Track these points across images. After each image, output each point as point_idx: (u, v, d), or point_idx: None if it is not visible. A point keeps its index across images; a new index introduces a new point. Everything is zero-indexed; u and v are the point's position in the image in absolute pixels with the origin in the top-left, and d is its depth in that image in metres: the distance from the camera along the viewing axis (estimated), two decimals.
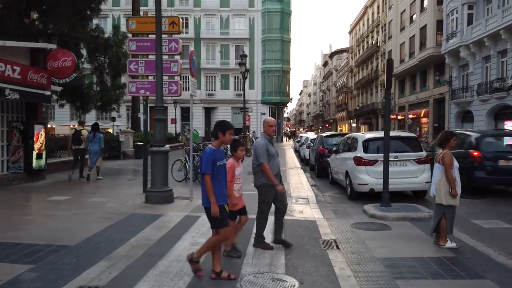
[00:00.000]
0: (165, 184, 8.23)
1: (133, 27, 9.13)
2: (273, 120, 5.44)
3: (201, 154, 4.08)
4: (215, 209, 3.91)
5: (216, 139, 4.16)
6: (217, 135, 4.13)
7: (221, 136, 4.10)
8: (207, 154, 3.97)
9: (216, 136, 4.15)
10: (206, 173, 3.91)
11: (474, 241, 5.49)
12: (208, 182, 3.92)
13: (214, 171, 3.94)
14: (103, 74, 23.17)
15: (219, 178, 4.02)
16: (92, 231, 5.87)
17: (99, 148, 11.83)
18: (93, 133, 11.98)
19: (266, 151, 5.07)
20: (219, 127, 4.14)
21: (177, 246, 5.25)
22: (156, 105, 8.06)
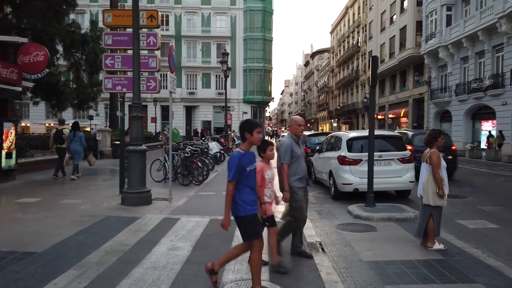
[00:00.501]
0: (143, 184, 7.86)
1: (109, 20, 8.70)
2: (302, 119, 5.02)
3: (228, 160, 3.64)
4: (226, 222, 3.56)
5: (244, 141, 3.71)
6: (244, 136, 3.68)
7: (248, 136, 3.66)
8: (233, 160, 3.56)
9: (243, 138, 3.71)
10: (230, 181, 3.52)
11: (461, 242, 5.37)
12: (230, 190, 3.53)
13: (243, 178, 3.56)
14: (80, 71, 22.46)
15: (249, 184, 3.63)
16: (62, 236, 5.48)
17: (81, 147, 11.84)
18: (73, 132, 11.85)
19: (290, 151, 4.67)
20: (245, 127, 3.69)
21: (154, 251, 4.92)
22: (133, 102, 7.69)
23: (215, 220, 6.57)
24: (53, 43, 19.43)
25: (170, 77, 8.02)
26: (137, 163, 7.72)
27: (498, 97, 22.50)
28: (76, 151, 11.75)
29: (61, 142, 11.89)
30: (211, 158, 13.76)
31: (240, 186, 3.59)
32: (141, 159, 7.78)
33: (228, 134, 27.02)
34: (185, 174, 10.89)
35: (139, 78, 7.78)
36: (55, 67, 20.46)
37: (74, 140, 11.70)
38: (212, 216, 6.88)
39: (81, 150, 11.86)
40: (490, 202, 8.59)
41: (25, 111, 42.74)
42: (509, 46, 21.59)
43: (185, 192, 9.43)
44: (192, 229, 5.98)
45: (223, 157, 17.56)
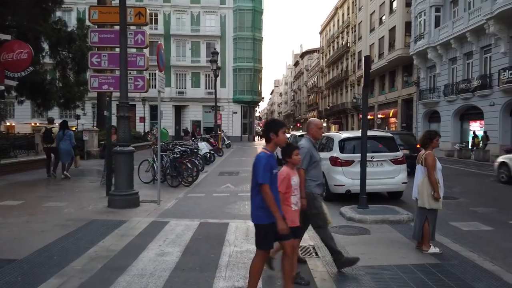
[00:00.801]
0: (130, 186, 7.63)
1: (95, 17, 8.43)
2: (321, 122, 4.75)
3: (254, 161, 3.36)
4: (282, 225, 3.29)
5: (268, 142, 3.50)
6: (269, 136, 3.47)
7: (273, 137, 3.45)
8: (263, 160, 3.31)
9: (268, 139, 3.50)
10: (264, 183, 3.25)
11: (457, 246, 5.28)
12: (269, 193, 3.25)
13: (270, 180, 3.30)
14: (66, 69, 22.01)
15: (273, 189, 3.37)
16: (45, 242, 5.23)
17: (70, 146, 11.78)
18: (62, 131, 11.77)
19: (309, 156, 4.33)
20: (270, 127, 3.50)
21: (141, 257, 4.72)
22: (120, 101, 7.45)
23: (205, 223, 6.40)
24: (39, 41, 18.99)
25: (159, 76, 7.79)
26: (124, 165, 7.48)
27: (486, 98, 22.73)
28: (66, 150, 11.68)
29: (50, 142, 11.85)
30: (200, 159, 13.56)
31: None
32: (129, 160, 7.55)
33: (218, 134, 26.80)
34: (174, 175, 10.66)
35: (126, 76, 7.54)
36: (41, 66, 20.02)
37: (64, 139, 11.61)
38: (202, 219, 6.69)
39: (70, 149, 11.80)
40: (482, 203, 8.57)
41: (10, 111, 41.84)
42: (497, 47, 21.82)
43: (174, 194, 9.21)
44: (181, 233, 5.79)
45: (213, 157, 17.35)
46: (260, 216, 3.37)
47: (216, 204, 8.09)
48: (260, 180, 3.27)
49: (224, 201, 8.37)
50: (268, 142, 3.50)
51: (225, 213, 7.25)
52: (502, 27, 20.95)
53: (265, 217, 3.35)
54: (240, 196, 9.06)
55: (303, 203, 4.08)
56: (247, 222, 6.45)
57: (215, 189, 10.03)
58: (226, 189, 10.01)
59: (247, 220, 6.60)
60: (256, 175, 3.31)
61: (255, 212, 3.42)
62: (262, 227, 3.40)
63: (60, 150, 11.62)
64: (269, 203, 3.27)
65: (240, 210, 7.53)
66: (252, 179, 3.40)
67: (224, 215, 7.08)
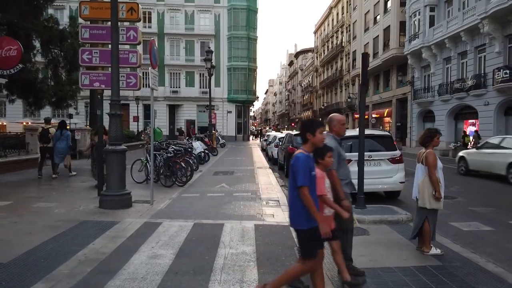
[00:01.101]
0: (122, 186, 7.42)
1: (86, 12, 8.21)
2: (343, 117, 4.49)
3: (292, 161, 3.21)
4: (325, 228, 3.12)
5: (305, 142, 3.35)
6: (306, 137, 3.33)
7: (310, 137, 3.31)
8: (303, 161, 3.15)
9: (304, 139, 3.35)
10: (304, 185, 3.09)
11: (458, 247, 5.15)
12: (308, 196, 3.10)
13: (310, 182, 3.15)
14: (58, 67, 21.66)
15: (313, 191, 3.20)
16: (32, 244, 5.02)
17: (66, 146, 11.84)
18: (60, 131, 11.85)
19: (337, 155, 4.05)
20: (307, 127, 3.35)
21: (132, 260, 4.53)
22: (112, 99, 7.24)
23: (200, 224, 6.22)
24: (30, 39, 18.66)
25: (152, 73, 7.59)
26: (116, 164, 7.28)
27: (480, 97, 22.75)
28: (62, 150, 11.72)
29: (46, 141, 11.89)
30: (195, 158, 13.36)
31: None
32: (121, 160, 7.34)
33: (213, 133, 26.59)
34: (167, 175, 10.45)
35: (118, 73, 7.33)
36: (32, 64, 19.69)
37: (61, 139, 11.67)
38: (196, 219, 6.51)
39: (66, 149, 11.86)
40: (480, 202, 8.49)
41: (1, 110, 41.29)
42: (491, 47, 21.83)
43: (168, 194, 9.01)
44: (174, 235, 5.60)
45: (207, 156, 17.15)
46: (300, 221, 3.19)
47: (211, 204, 7.91)
48: (299, 182, 3.10)
49: (219, 201, 8.19)
50: (305, 142, 3.35)
51: (220, 213, 7.08)
52: (497, 27, 20.96)
53: (305, 221, 3.17)
54: (235, 196, 8.89)
55: (347, 204, 3.84)
56: (243, 223, 6.30)
57: (209, 189, 9.85)
58: (221, 189, 9.83)
59: (242, 221, 6.45)
60: (296, 177, 3.13)
61: (294, 216, 3.24)
62: (302, 233, 3.22)
63: (56, 149, 11.66)
64: (308, 206, 3.12)
65: (235, 210, 7.36)
66: (290, 181, 3.21)
67: (219, 215, 6.90)
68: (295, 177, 3.15)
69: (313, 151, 3.47)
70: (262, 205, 7.87)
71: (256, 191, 9.58)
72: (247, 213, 7.10)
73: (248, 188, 10.07)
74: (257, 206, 7.80)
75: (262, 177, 12.32)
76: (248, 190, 9.65)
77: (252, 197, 8.78)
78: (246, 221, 6.47)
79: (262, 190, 9.76)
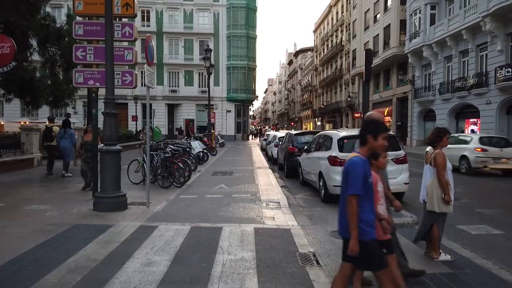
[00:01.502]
0: (117, 188, 7.16)
1: (80, 8, 7.93)
2: (382, 116, 4.24)
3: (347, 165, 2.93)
4: (354, 246, 2.83)
5: (364, 144, 3.02)
6: (366, 139, 2.99)
7: (371, 140, 2.97)
8: (358, 167, 2.86)
9: (364, 141, 3.01)
10: (355, 194, 2.83)
11: (468, 252, 4.91)
12: (355, 206, 2.83)
13: (365, 191, 2.89)
14: (55, 66, 21.37)
15: (370, 199, 2.94)
16: (20, 250, 4.77)
17: (71, 144, 11.86)
18: (63, 129, 11.93)
19: None
20: (370, 129, 3.01)
21: (125, 268, 4.28)
22: (106, 97, 6.99)
23: (197, 228, 5.97)
24: (27, 37, 18.40)
25: (148, 71, 7.33)
26: (110, 165, 7.02)
27: (482, 96, 22.52)
28: (66, 149, 11.74)
29: (50, 140, 12.09)
30: (193, 158, 13.11)
31: (361, 202, 2.88)
32: (115, 160, 7.08)
33: (212, 132, 26.34)
34: (165, 176, 10.20)
35: (112, 71, 7.07)
36: (29, 63, 19.44)
37: (65, 137, 11.70)
38: (193, 223, 6.26)
39: (71, 148, 11.85)
40: (487, 204, 8.25)
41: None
42: (493, 45, 21.59)
43: (165, 195, 8.76)
44: (170, 239, 5.35)
45: (206, 156, 16.89)
46: (360, 233, 2.87)
47: (209, 206, 7.66)
48: (351, 191, 2.84)
49: (218, 203, 7.94)
50: (363, 144, 3.01)
51: (219, 216, 6.83)
52: (498, 25, 20.73)
53: (366, 233, 2.89)
54: (234, 197, 8.64)
55: (398, 205, 3.65)
56: (242, 226, 6.06)
57: (208, 190, 9.60)
58: (220, 190, 9.58)
59: (241, 224, 6.21)
60: (349, 184, 2.86)
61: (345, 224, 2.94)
62: (365, 245, 2.89)
63: (61, 148, 11.74)
64: (350, 217, 2.85)
65: (234, 213, 7.11)
66: (344, 187, 2.93)
67: (217, 218, 6.66)
68: (349, 184, 2.87)
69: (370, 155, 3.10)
70: (262, 207, 7.62)
71: (255, 192, 9.34)
72: (246, 216, 6.86)
73: (248, 189, 9.82)
74: (256, 208, 7.56)
75: (261, 177, 12.07)
76: (247, 191, 9.40)
77: (251, 198, 8.53)
78: (246, 224, 6.22)
79: (262, 191, 9.51)
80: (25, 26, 17.25)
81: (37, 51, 20.11)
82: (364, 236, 2.88)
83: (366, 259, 2.92)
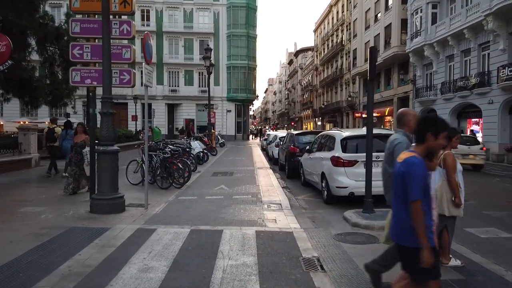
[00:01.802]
0: (115, 189, 6.97)
1: (76, 5, 7.75)
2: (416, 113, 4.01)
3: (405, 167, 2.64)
4: (429, 258, 2.54)
5: (422, 142, 2.73)
6: (425, 137, 2.71)
7: (431, 139, 2.69)
8: (420, 169, 2.61)
9: (422, 139, 2.73)
10: (419, 199, 2.57)
11: (479, 257, 4.72)
12: (421, 212, 2.57)
13: (425, 194, 2.65)
14: (54, 65, 21.21)
15: (428, 203, 2.69)
16: (12, 255, 4.58)
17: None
18: (65, 130, 12.03)
19: None
20: (431, 126, 2.71)
21: (121, 274, 4.09)
22: (103, 96, 6.80)
23: (197, 231, 5.78)
24: (25, 36, 18.22)
25: (146, 69, 7.15)
26: (108, 166, 6.83)
27: (484, 96, 22.32)
28: (68, 149, 11.52)
29: (52, 140, 12.24)
30: (193, 158, 12.92)
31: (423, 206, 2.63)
32: (113, 161, 6.90)
33: (212, 132, 26.15)
34: (164, 176, 10.01)
35: (109, 69, 6.89)
36: (27, 62, 19.26)
37: (67, 138, 11.73)
38: (193, 225, 6.07)
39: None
40: (494, 206, 8.06)
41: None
42: (495, 44, 21.40)
43: (164, 197, 8.57)
44: (169, 243, 5.16)
45: (206, 156, 16.69)
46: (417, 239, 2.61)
47: (209, 208, 7.47)
48: (415, 196, 2.57)
49: (218, 205, 7.75)
50: (421, 143, 2.73)
51: (219, 218, 6.64)
52: (501, 24, 20.54)
53: (432, 238, 2.65)
54: (235, 198, 8.45)
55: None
56: (243, 229, 5.87)
57: (208, 191, 9.41)
58: (220, 191, 9.39)
59: (242, 227, 6.02)
60: (412, 188, 2.59)
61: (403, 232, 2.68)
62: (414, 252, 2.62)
63: (64, 149, 11.77)
64: (417, 224, 2.58)
65: (235, 215, 6.92)
66: (398, 190, 2.69)
67: (217, 220, 6.47)
68: (410, 188, 2.59)
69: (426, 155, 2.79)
70: (263, 209, 7.43)
71: (256, 193, 9.15)
72: (247, 218, 6.67)
73: (249, 190, 9.63)
74: (258, 210, 7.37)
75: (262, 178, 11.88)
76: (248, 192, 9.21)
77: (252, 200, 8.34)
78: (247, 227, 6.04)
79: (263, 192, 9.32)
80: (24, 25, 17.07)
81: (35, 51, 19.95)
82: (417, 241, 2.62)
83: (426, 268, 2.61)
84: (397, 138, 3.80)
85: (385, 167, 3.90)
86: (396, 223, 2.79)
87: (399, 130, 3.89)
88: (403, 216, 2.71)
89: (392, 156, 3.72)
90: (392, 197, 2.85)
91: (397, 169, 2.76)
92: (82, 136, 9.18)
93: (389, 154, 3.81)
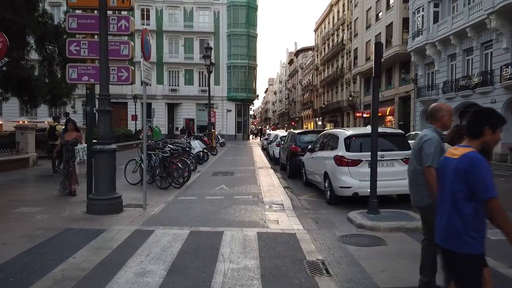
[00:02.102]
0: (112, 189, 6.79)
1: (73, 0, 7.57)
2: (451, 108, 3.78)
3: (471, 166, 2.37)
4: None
5: (476, 137, 2.50)
6: (482, 131, 2.48)
7: (488, 133, 2.47)
8: (486, 165, 2.37)
9: (479, 133, 2.49)
10: (496, 197, 2.32)
11: (491, 260, 4.50)
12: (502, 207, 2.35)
13: None
14: (53, 64, 21.04)
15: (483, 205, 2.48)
16: (4, 258, 4.39)
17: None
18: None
19: (439, 152, 3.34)
20: (489, 119, 2.49)
21: (117, 278, 3.89)
22: (100, 93, 6.61)
23: (196, 232, 5.59)
24: (24, 35, 18.06)
25: (144, 66, 6.96)
26: (105, 165, 6.64)
27: (487, 95, 22.13)
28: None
29: (54, 139, 12.16)
30: (193, 158, 12.74)
31: (479, 207, 2.39)
32: (110, 160, 6.71)
33: (212, 132, 25.97)
34: (163, 176, 9.83)
35: (107, 66, 6.70)
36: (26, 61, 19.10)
37: None
38: (192, 227, 5.88)
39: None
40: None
41: None
42: (498, 43, 21.18)
43: (163, 197, 8.38)
44: (167, 245, 4.97)
45: (206, 156, 16.51)
46: (474, 244, 2.40)
47: (209, 208, 7.28)
48: (492, 193, 2.31)
49: (218, 205, 7.56)
50: (477, 137, 2.50)
51: (219, 219, 6.45)
52: (504, 22, 20.32)
53: (480, 245, 2.42)
54: (236, 199, 8.26)
55: None
56: (244, 231, 5.68)
57: (208, 191, 9.22)
58: (220, 191, 9.20)
59: (244, 228, 5.83)
60: (484, 185, 2.32)
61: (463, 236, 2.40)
62: (473, 259, 2.41)
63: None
64: (504, 222, 2.36)
65: (236, 215, 6.73)
66: (456, 188, 2.44)
67: (218, 221, 6.28)
68: (484, 186, 2.33)
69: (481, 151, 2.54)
70: (264, 209, 7.24)
71: (258, 193, 8.96)
72: (248, 219, 6.48)
73: (249, 190, 9.44)
74: (259, 210, 7.18)
75: (263, 178, 11.69)
76: (249, 193, 9.02)
77: (253, 200, 8.15)
78: (248, 228, 5.84)
79: (264, 192, 9.13)
80: (22, 23, 16.88)
81: (34, 49, 19.77)
82: (479, 249, 2.43)
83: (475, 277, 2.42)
84: (426, 134, 3.60)
85: (414, 166, 3.67)
86: (448, 227, 2.49)
87: (430, 126, 3.71)
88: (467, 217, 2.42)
89: (420, 154, 3.52)
90: (440, 198, 2.60)
91: (454, 165, 2.47)
92: (73, 133, 8.91)
93: (418, 151, 3.60)
